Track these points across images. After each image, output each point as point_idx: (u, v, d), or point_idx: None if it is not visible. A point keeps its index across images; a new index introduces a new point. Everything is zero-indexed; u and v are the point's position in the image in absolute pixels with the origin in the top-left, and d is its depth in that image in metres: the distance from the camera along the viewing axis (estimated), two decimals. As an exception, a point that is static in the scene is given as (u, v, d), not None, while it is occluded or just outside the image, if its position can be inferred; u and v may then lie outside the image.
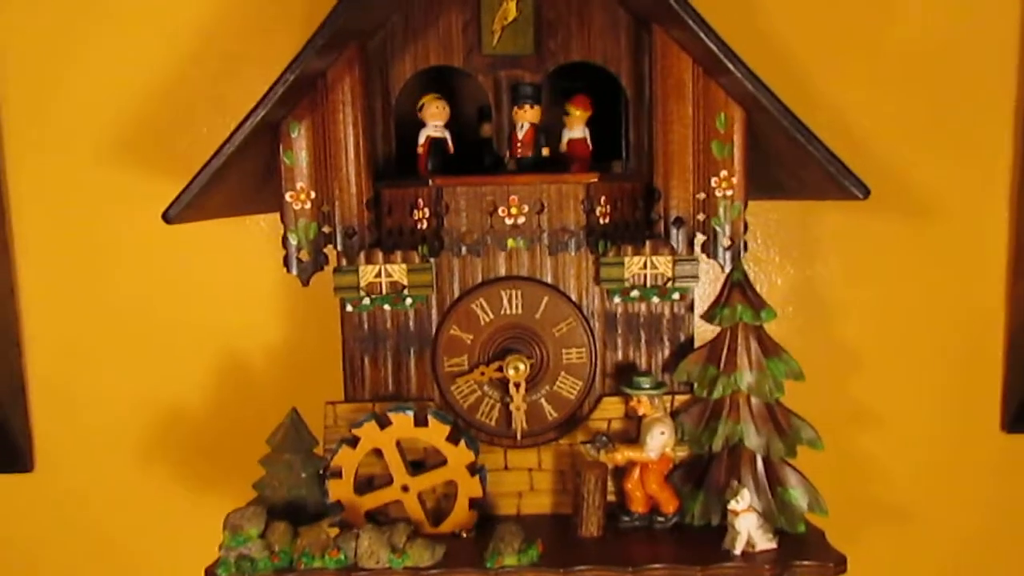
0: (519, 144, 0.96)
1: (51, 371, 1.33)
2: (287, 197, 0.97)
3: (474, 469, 0.99)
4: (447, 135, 0.99)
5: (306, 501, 1.02)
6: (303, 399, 1.08)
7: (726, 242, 0.99)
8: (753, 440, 1.00)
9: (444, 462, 0.99)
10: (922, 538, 1.37)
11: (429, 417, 0.99)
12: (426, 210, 0.93)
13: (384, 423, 0.99)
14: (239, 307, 1.31)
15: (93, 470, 1.36)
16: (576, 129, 1.01)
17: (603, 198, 0.93)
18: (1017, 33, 1.24)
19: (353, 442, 0.99)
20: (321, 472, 1.02)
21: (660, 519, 1.01)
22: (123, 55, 1.24)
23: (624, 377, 1.03)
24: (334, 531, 0.95)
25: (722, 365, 1.00)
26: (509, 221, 0.92)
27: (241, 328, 1.31)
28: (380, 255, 1.01)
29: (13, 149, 1.27)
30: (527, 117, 0.96)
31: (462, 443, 0.98)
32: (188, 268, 1.30)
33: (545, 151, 0.97)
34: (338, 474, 1.00)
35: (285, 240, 0.98)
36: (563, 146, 1.00)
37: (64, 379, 1.33)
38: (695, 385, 1.02)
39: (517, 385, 1.02)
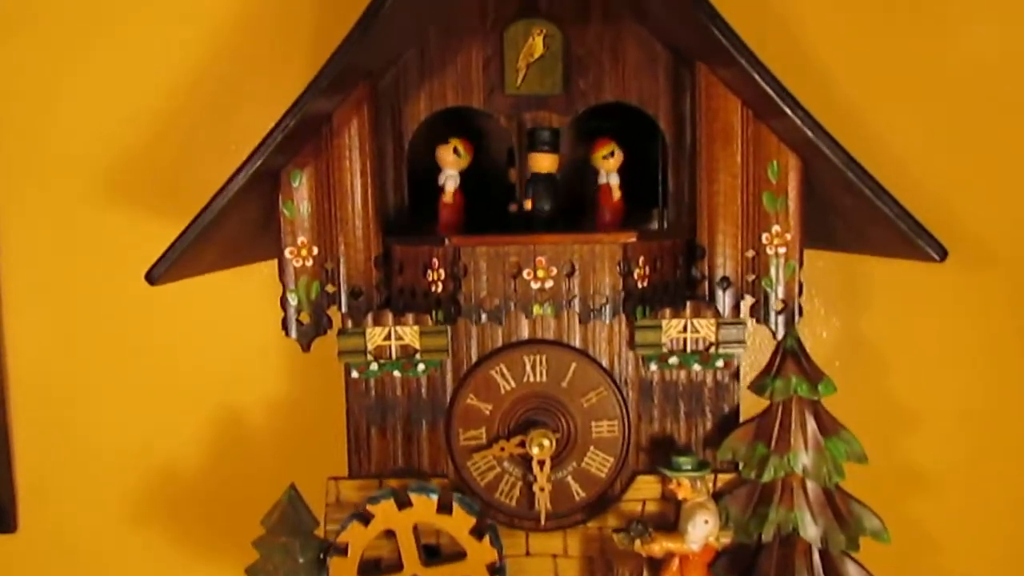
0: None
1: (37, 425, 1.24)
2: (286, 253, 0.87)
3: (495, 570, 0.88)
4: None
5: (305, 590, 0.92)
6: (305, 461, 1.00)
7: (778, 305, 0.88)
8: (809, 530, 0.88)
9: (462, 555, 0.88)
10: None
11: (455, 504, 0.88)
12: (441, 271, 0.82)
13: (403, 503, 0.88)
14: (239, 359, 1.21)
15: (80, 531, 1.27)
16: (606, 175, 0.91)
17: (641, 258, 0.83)
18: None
19: (365, 519, 0.89)
20: (322, 555, 0.92)
21: (702, 616, 0.89)
22: (119, 91, 1.16)
23: (661, 453, 0.93)
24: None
25: (773, 443, 0.89)
26: (535, 285, 0.81)
27: (240, 381, 1.22)
28: (390, 316, 0.91)
29: (1, 188, 1.18)
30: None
31: (486, 539, 0.87)
32: (184, 315, 1.21)
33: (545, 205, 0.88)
34: (343, 551, 0.89)
35: (284, 300, 0.88)
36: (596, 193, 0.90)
37: (50, 434, 1.25)
38: (742, 465, 0.91)
39: (541, 463, 0.91)
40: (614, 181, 0.89)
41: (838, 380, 1.18)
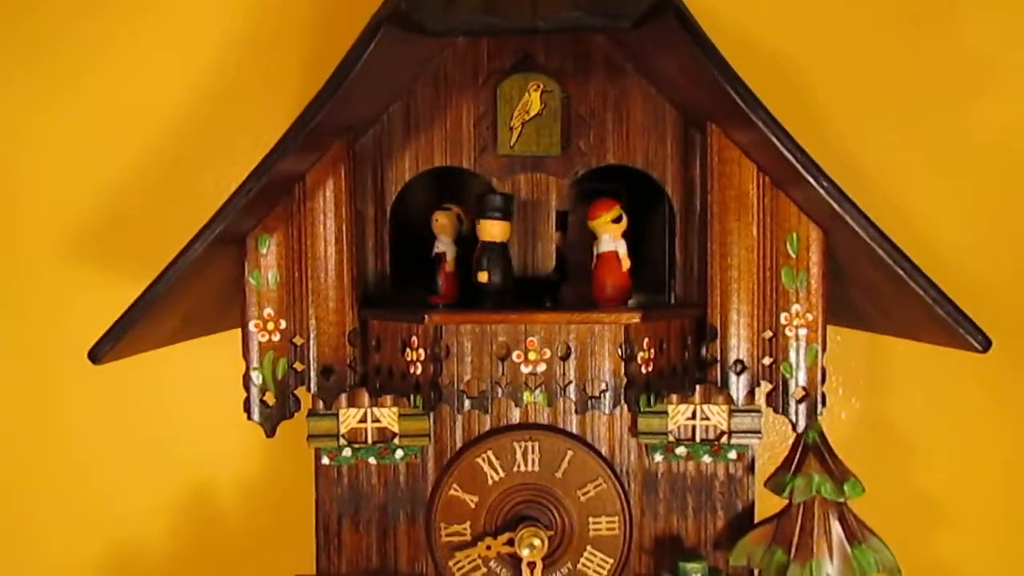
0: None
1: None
2: (251, 326, 0.78)
3: None
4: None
5: None
6: (273, 553, 0.89)
7: (799, 393, 0.78)
8: (836, 651, 0.78)
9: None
10: None
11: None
12: (421, 351, 0.73)
13: None
14: (207, 435, 1.12)
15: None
16: (606, 241, 0.81)
17: (646, 340, 0.74)
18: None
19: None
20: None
21: None
22: (88, 146, 1.09)
23: (666, 554, 0.83)
24: None
25: (794, 550, 0.79)
26: (526, 369, 0.72)
27: (209, 458, 1.13)
28: (366, 397, 0.82)
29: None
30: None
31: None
32: (148, 387, 1.13)
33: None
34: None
35: (247, 380, 0.78)
36: (594, 262, 0.81)
37: (11, 519, 1.14)
38: (757, 573, 0.81)
39: (532, 565, 0.81)
40: (622, 250, 0.80)
41: (857, 466, 1.08)
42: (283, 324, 0.78)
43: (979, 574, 1.13)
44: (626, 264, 0.80)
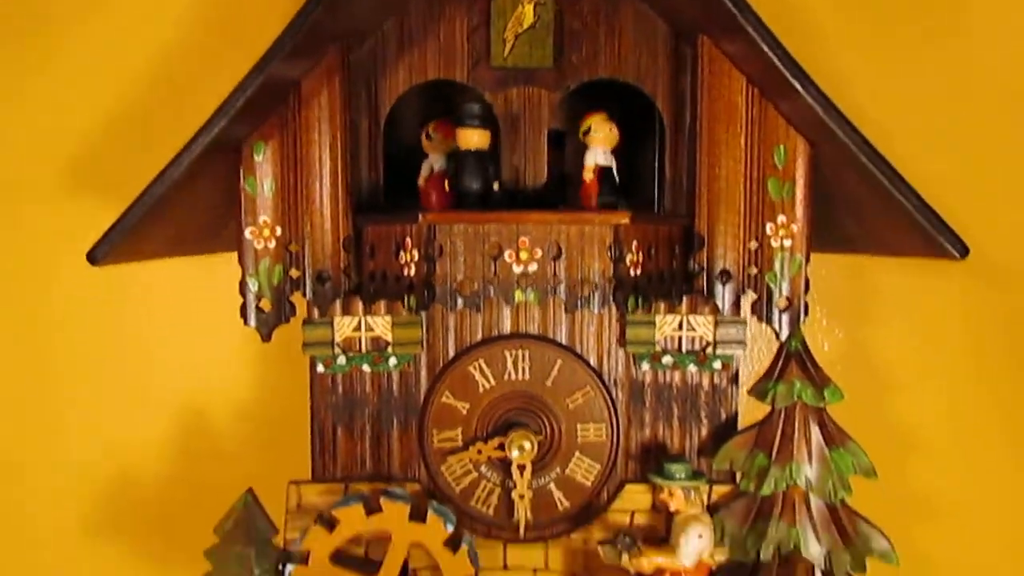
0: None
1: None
2: (247, 233, 0.79)
3: (455, 543, 0.81)
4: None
5: (261, 603, 0.84)
6: (268, 465, 0.92)
7: (782, 303, 0.80)
8: (812, 549, 0.81)
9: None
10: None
11: (429, 513, 0.80)
12: (415, 252, 0.75)
13: (331, 525, 0.81)
14: (203, 360, 1.14)
15: (33, 543, 1.18)
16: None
17: (635, 243, 0.75)
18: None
19: (330, 524, 0.81)
20: (280, 565, 0.84)
21: (693, 639, 0.82)
22: (73, 68, 1.08)
23: (651, 460, 0.85)
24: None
25: (774, 454, 0.81)
26: (517, 268, 0.74)
27: (204, 380, 1.15)
28: (360, 305, 0.84)
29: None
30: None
31: (463, 551, 0.80)
32: (143, 313, 1.13)
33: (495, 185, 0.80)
34: (304, 559, 0.81)
35: (243, 286, 0.80)
36: (586, 174, 0.83)
37: (7, 440, 1.16)
38: (739, 476, 0.84)
39: (522, 468, 0.83)
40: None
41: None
42: (279, 231, 0.80)
43: (952, 499, 1.16)
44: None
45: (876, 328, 1.15)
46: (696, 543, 0.80)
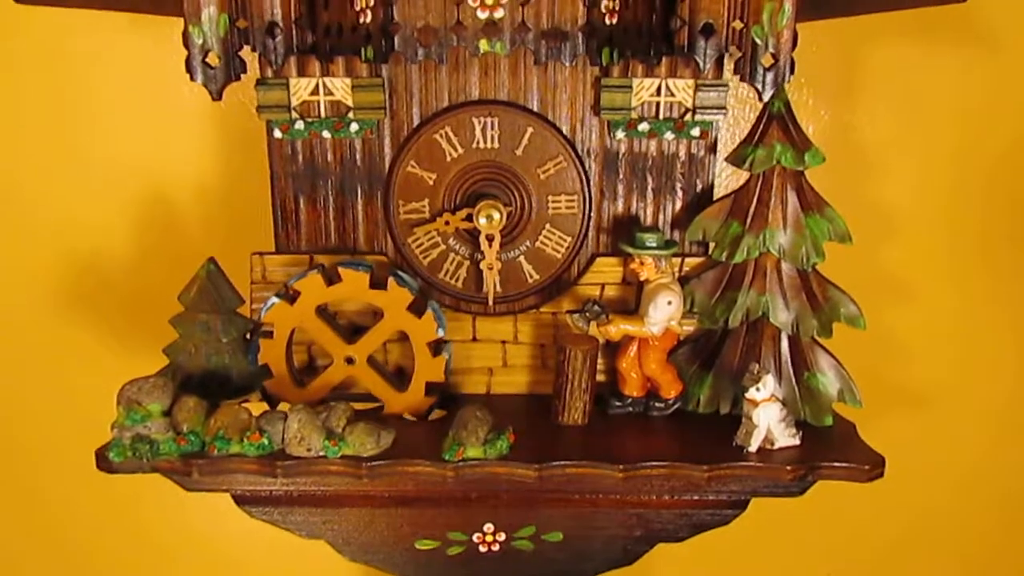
0: None
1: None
2: (187, -24, 0.72)
3: (419, 308, 0.80)
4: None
5: (230, 372, 0.84)
6: (239, 242, 0.88)
7: (767, 59, 0.75)
8: (780, 315, 0.81)
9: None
10: (945, 422, 1.24)
11: (390, 280, 0.79)
12: (371, -3, 0.68)
13: (292, 297, 0.79)
14: (160, 135, 1.09)
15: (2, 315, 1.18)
16: None
17: (611, -12, 0.69)
18: None
19: (291, 298, 0.80)
20: (248, 335, 0.84)
21: (658, 405, 0.84)
22: None
23: (624, 234, 0.83)
24: (257, 408, 0.77)
25: (749, 221, 0.79)
26: (483, 14, 0.68)
27: (163, 161, 1.10)
28: (317, 65, 0.78)
29: None
30: None
31: (427, 315, 0.79)
32: (99, 89, 1.07)
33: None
34: (269, 334, 0.81)
35: (187, 38, 0.73)
36: None
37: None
38: (712, 246, 0.82)
39: (490, 238, 0.82)
40: None
41: (820, 179, 1.09)
42: (222, -26, 0.72)
43: (919, 284, 1.17)
44: None
45: (864, 108, 1.11)
46: (665, 309, 0.80)
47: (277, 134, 0.81)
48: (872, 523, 1.31)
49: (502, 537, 0.82)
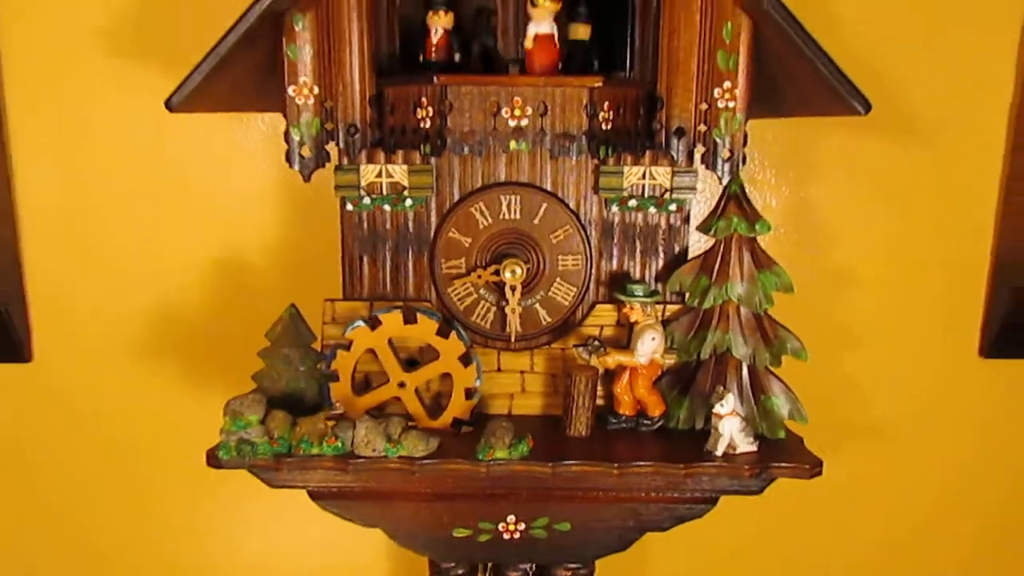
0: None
1: (48, 265, 1.35)
2: (290, 91, 0.96)
3: (467, 360, 1.01)
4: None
5: (304, 395, 1.05)
6: (302, 298, 1.09)
7: (725, 154, 0.99)
8: (740, 349, 1.03)
9: (437, 357, 1.01)
10: (898, 456, 1.43)
11: (418, 315, 1.01)
12: (429, 109, 0.93)
13: (375, 324, 1.01)
14: (239, 207, 1.32)
15: (91, 363, 1.38)
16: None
17: (606, 103, 0.93)
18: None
19: (348, 346, 1.02)
20: (321, 370, 1.05)
21: (646, 422, 1.04)
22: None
23: (618, 286, 1.05)
24: (331, 422, 0.98)
25: (714, 276, 1.02)
26: (512, 123, 0.92)
27: (240, 228, 1.33)
28: (382, 155, 1.02)
29: (6, 33, 1.25)
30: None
31: (453, 335, 1.01)
32: (188, 166, 1.31)
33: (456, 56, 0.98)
34: (335, 378, 1.02)
35: (288, 135, 0.98)
36: (528, 42, 0.94)
37: (61, 273, 1.35)
38: (687, 295, 1.05)
39: (513, 288, 1.04)
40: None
41: (782, 245, 1.33)
42: (316, 90, 0.97)
43: (873, 332, 1.38)
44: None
45: (817, 185, 1.33)
46: (650, 344, 1.01)
47: (348, 207, 1.05)
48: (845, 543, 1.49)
49: (522, 526, 1.02)
